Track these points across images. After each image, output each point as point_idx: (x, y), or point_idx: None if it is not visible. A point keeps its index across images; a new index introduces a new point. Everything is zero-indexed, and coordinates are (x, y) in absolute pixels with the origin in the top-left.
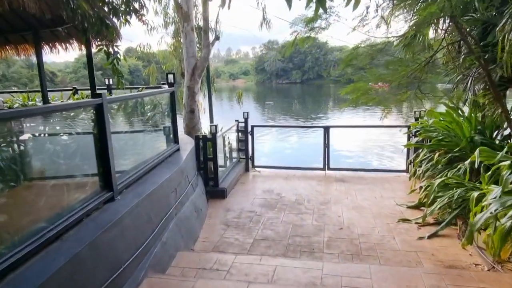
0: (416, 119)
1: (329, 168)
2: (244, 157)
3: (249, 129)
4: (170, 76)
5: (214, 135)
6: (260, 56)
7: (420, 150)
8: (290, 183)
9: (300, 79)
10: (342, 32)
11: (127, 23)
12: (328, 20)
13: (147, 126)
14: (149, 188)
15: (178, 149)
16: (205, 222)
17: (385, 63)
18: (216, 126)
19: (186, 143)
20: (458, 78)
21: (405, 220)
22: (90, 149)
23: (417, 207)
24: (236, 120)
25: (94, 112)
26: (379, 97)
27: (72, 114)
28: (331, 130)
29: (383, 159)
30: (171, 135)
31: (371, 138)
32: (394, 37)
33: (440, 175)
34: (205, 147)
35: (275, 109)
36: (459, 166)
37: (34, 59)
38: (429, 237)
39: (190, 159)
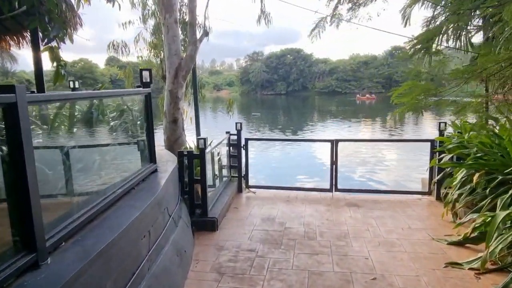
0: (441, 132)
1: (336, 189)
2: (236, 175)
3: (243, 142)
4: (145, 74)
5: (202, 150)
6: (245, 67)
7: (448, 169)
8: (293, 208)
9: (285, 90)
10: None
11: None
12: None
13: (110, 139)
14: (105, 238)
15: (155, 170)
16: (190, 269)
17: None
18: (205, 139)
19: (167, 161)
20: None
21: (454, 265)
22: None
23: (461, 243)
24: (227, 132)
25: (2, 116)
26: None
27: None
28: (333, 144)
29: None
30: (146, 152)
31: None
32: None
33: (486, 202)
34: (191, 165)
35: (264, 120)
36: None
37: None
38: None
39: (171, 183)
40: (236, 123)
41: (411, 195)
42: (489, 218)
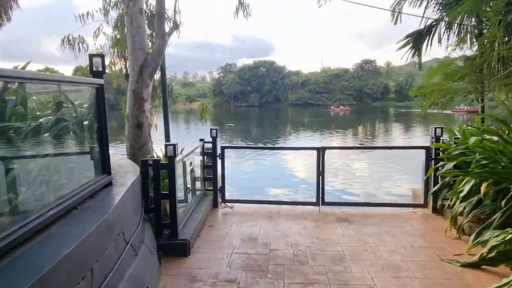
0: (437, 138)
1: (323, 203)
2: (211, 188)
3: (219, 151)
4: (96, 61)
5: (171, 159)
6: (218, 78)
7: (447, 179)
8: (277, 225)
9: (259, 102)
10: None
11: None
12: None
13: (37, 142)
14: None
15: (109, 183)
16: None
17: None
18: (174, 146)
19: (127, 173)
20: None
21: None
22: None
23: (477, 265)
24: (201, 140)
25: None
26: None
27: None
28: (319, 152)
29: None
30: (97, 160)
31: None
32: None
33: (496, 215)
34: (158, 177)
35: (238, 131)
36: None
37: None
38: None
39: (130, 199)
40: (211, 129)
41: (404, 208)
42: (510, 235)
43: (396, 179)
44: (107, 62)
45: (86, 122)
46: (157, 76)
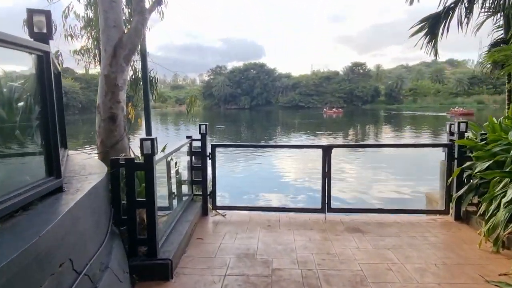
0: (461, 134)
1: (330, 209)
2: (200, 193)
3: (209, 150)
4: (38, 20)
5: (149, 158)
6: (208, 81)
7: (474, 182)
8: (278, 237)
9: (249, 104)
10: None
11: None
12: None
13: None
14: None
15: (58, 189)
16: None
17: None
18: (153, 141)
19: (88, 175)
20: None
21: None
22: None
23: None
24: (189, 137)
25: None
26: None
27: None
28: (325, 151)
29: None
30: (38, 158)
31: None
32: None
33: None
34: (132, 180)
35: (228, 133)
36: None
37: None
38: None
39: (87, 211)
40: (200, 125)
41: (421, 215)
42: None
43: (392, 181)
44: (78, 46)
45: (21, 104)
46: (138, 66)
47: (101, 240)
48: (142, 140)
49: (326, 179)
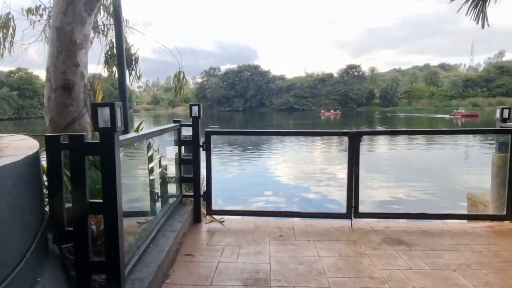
0: None
1: (357, 214)
2: (191, 194)
3: (203, 139)
4: None
5: (108, 136)
6: (201, 83)
7: None
8: (295, 251)
9: (243, 107)
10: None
11: None
12: None
13: None
14: None
15: None
16: None
17: None
18: (114, 107)
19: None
20: None
21: None
22: None
23: None
24: (177, 121)
25: None
26: None
27: None
28: (352, 138)
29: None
30: None
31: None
32: None
33: None
34: (80, 171)
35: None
36: None
37: None
38: None
39: None
40: (191, 106)
41: (471, 221)
42: None
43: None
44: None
45: None
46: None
47: (11, 267)
48: (95, 107)
49: (353, 175)
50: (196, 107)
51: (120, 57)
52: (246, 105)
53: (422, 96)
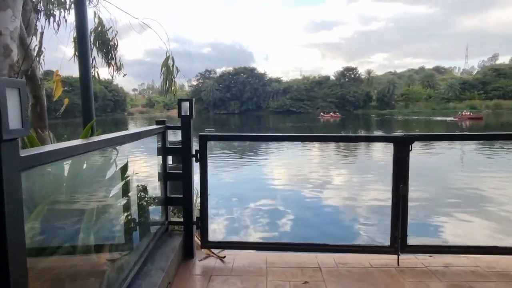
0: None
1: (405, 248)
2: (180, 219)
3: (196, 146)
4: None
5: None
6: (197, 85)
7: None
8: None
9: (239, 109)
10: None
11: None
12: None
13: None
14: None
15: None
16: None
17: None
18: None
19: None
20: None
21: None
22: None
23: None
24: (160, 122)
25: None
26: None
27: None
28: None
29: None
30: None
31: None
32: None
33: None
34: None
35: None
36: None
37: None
38: None
39: None
40: (180, 101)
41: None
42: None
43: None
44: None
45: None
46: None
47: None
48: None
49: (400, 195)
50: (187, 103)
51: (81, 33)
52: (243, 107)
53: (419, 99)
